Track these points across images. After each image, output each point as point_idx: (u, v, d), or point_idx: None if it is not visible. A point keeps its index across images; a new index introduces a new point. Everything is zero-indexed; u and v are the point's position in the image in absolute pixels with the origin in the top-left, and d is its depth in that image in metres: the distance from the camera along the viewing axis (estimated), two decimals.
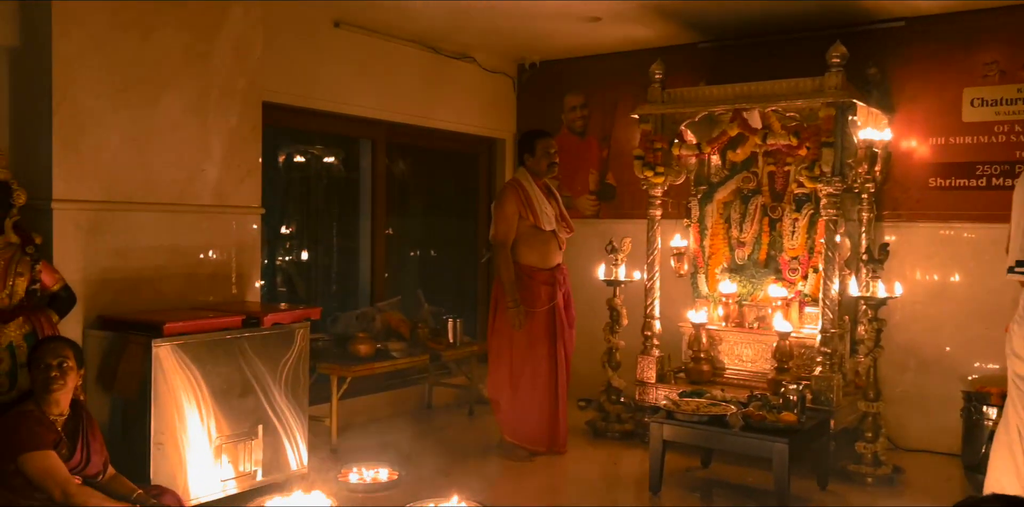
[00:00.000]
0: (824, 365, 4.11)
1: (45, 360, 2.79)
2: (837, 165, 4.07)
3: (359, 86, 5.01)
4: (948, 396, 4.47)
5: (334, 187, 5.64)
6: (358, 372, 4.34)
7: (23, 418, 2.74)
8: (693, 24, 5.02)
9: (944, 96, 4.67)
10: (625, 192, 5.75)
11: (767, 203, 4.83)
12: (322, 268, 5.65)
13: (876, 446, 4.04)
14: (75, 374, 2.85)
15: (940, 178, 4.67)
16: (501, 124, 6.04)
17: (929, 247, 4.70)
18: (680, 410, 3.81)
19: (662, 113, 4.61)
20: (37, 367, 2.79)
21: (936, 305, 4.67)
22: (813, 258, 4.57)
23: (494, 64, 5.94)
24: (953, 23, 4.64)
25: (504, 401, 4.32)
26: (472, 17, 4.86)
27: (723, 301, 4.79)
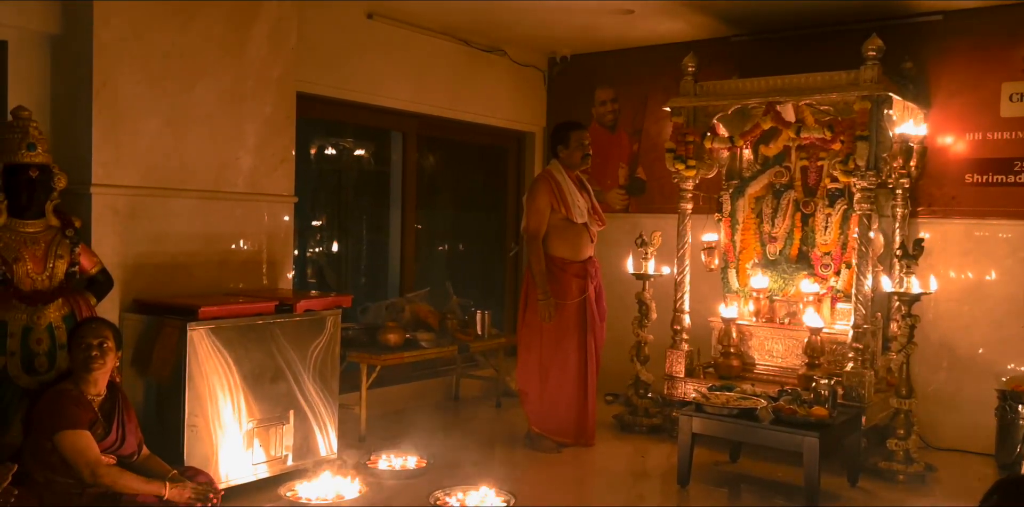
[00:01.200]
0: (856, 361, 4.07)
1: (86, 340, 2.83)
2: (872, 159, 4.02)
3: (391, 78, 5.04)
4: (982, 395, 4.41)
5: (365, 180, 5.68)
6: (387, 361, 4.36)
7: (61, 397, 2.79)
8: (726, 17, 4.98)
9: (981, 91, 4.60)
10: (655, 187, 5.73)
11: (799, 198, 4.79)
12: (352, 260, 5.69)
13: (908, 443, 3.99)
14: (114, 355, 2.89)
15: (976, 174, 4.60)
16: (531, 118, 6.05)
17: (964, 244, 4.63)
18: (710, 403, 3.79)
19: (694, 106, 4.58)
20: (78, 346, 2.84)
21: (970, 303, 4.60)
22: (846, 253, 4.53)
23: (525, 57, 5.94)
24: (992, 17, 4.57)
25: (533, 392, 4.32)
26: (504, 10, 4.86)
27: (754, 296, 4.76)
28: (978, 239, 4.61)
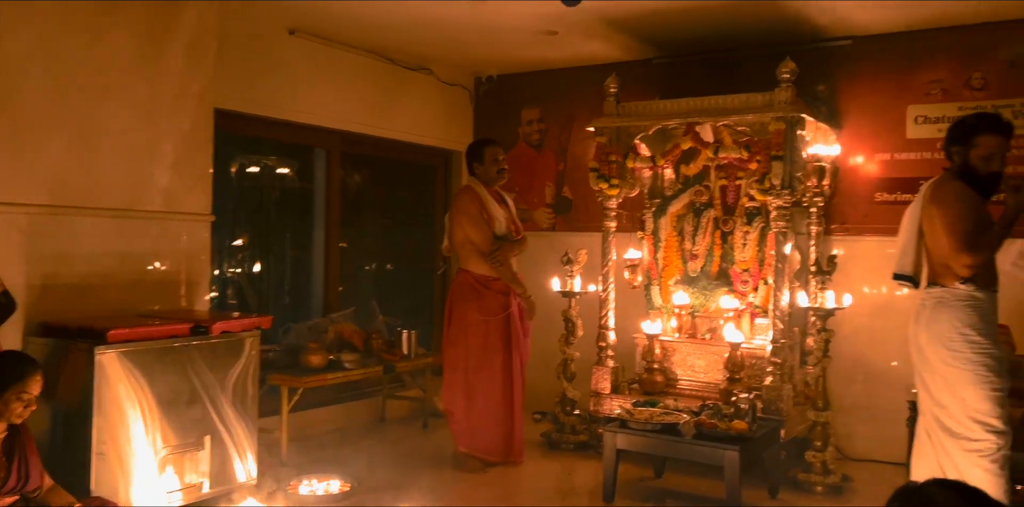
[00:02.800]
0: (774, 375, 4.17)
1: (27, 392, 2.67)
2: (786, 179, 4.15)
3: (314, 95, 4.99)
4: (895, 406, 4.54)
5: (288, 197, 5.58)
6: (309, 383, 4.27)
7: None
8: (648, 40, 5.10)
9: (889, 113, 4.80)
10: (581, 205, 5.79)
11: (719, 216, 4.91)
12: (275, 279, 5.57)
13: (825, 455, 4.09)
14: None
15: (886, 193, 4.79)
16: (458, 136, 6.06)
17: (876, 260, 4.80)
18: (634, 419, 3.82)
19: (617, 126, 4.66)
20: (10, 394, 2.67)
21: (883, 317, 4.77)
22: (763, 270, 4.65)
23: (451, 76, 5.97)
24: (898, 42, 4.79)
25: (459, 411, 4.29)
26: (428, 29, 4.88)
27: (676, 312, 4.84)
28: (889, 255, 4.71)
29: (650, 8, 4.43)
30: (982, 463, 3.06)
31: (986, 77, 4.59)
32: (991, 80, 4.57)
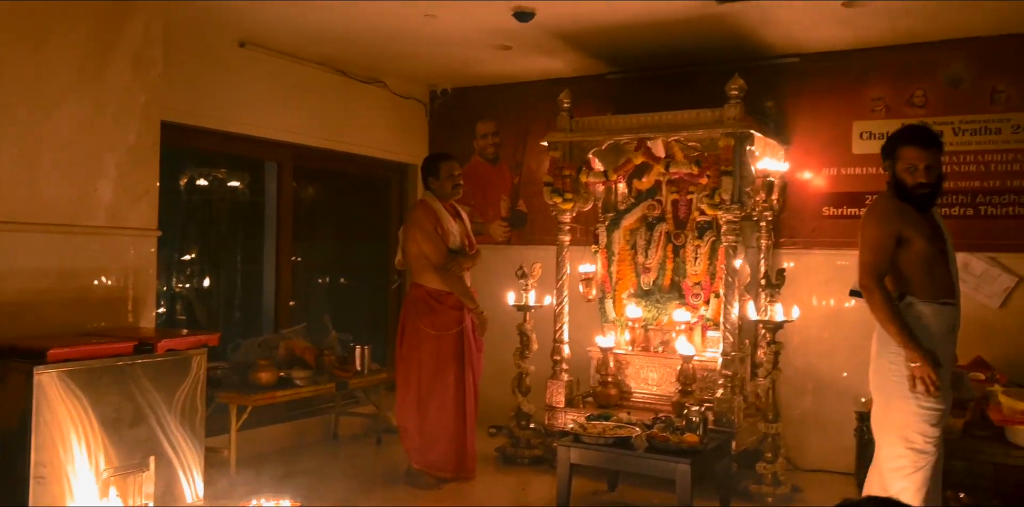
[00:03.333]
0: (725, 387, 4.21)
1: None
2: (736, 193, 4.21)
3: (265, 107, 4.94)
4: (844, 417, 4.62)
5: (239, 211, 5.50)
6: (259, 401, 4.20)
7: None
8: (601, 55, 5.15)
9: (835, 129, 4.91)
10: (536, 219, 5.81)
11: (671, 230, 4.96)
12: (225, 295, 5.48)
13: (775, 466, 4.14)
14: None
15: (833, 207, 4.89)
16: (413, 149, 6.04)
17: (824, 273, 4.89)
18: (587, 433, 3.82)
19: (570, 141, 4.69)
20: None
21: (831, 329, 4.85)
22: (714, 283, 4.70)
23: (406, 89, 5.95)
24: (843, 60, 4.90)
25: (411, 428, 4.25)
26: (382, 42, 4.86)
27: (629, 325, 4.87)
28: (837, 268, 4.88)
29: (602, 24, 4.47)
30: (901, 482, 3.09)
31: (927, 95, 4.72)
32: (931, 98, 4.70)
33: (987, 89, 4.57)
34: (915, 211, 3.18)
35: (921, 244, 3.14)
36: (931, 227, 3.18)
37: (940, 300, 3.14)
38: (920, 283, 3.17)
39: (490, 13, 4.28)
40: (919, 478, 3.06)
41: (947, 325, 3.15)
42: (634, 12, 4.24)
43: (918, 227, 3.15)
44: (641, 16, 4.31)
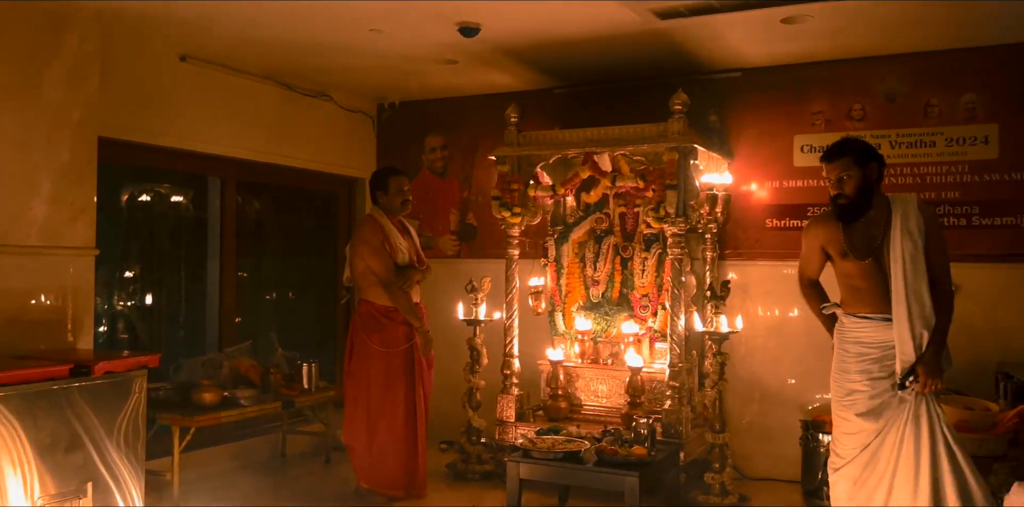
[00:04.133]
0: (673, 398, 4.25)
1: None
2: (681, 207, 4.26)
3: (208, 122, 4.86)
4: (789, 426, 4.70)
5: (182, 227, 5.40)
6: (202, 422, 4.11)
7: None
8: (548, 70, 5.18)
9: (777, 142, 5.01)
10: (486, 232, 5.80)
11: (619, 243, 5.00)
12: (168, 313, 5.36)
13: (723, 476, 4.18)
14: None
15: (776, 219, 4.98)
16: (361, 163, 6.00)
17: (768, 284, 4.98)
18: (536, 448, 3.82)
19: (518, 155, 4.71)
20: None
21: (776, 339, 4.93)
22: (662, 295, 4.75)
23: (353, 103, 5.92)
24: (784, 75, 5.00)
25: (360, 446, 4.20)
26: (327, 56, 4.83)
27: (579, 338, 4.89)
28: (780, 279, 4.96)
29: (546, 40, 4.50)
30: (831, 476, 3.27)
31: (865, 108, 4.84)
32: (869, 111, 4.82)
33: (921, 103, 4.71)
34: (840, 224, 3.23)
35: (836, 258, 3.26)
36: (862, 240, 3.17)
37: (860, 313, 3.20)
38: (843, 295, 3.30)
39: (435, 28, 4.28)
40: (837, 479, 3.20)
41: (864, 340, 3.16)
42: (578, 28, 4.29)
43: (834, 241, 3.24)
44: (585, 32, 4.35)
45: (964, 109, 4.62)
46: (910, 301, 3.04)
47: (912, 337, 3.03)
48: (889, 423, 3.06)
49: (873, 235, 3.16)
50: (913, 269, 3.05)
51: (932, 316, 3.04)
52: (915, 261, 3.05)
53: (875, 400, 3.11)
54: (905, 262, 3.06)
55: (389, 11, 4.02)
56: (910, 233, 3.07)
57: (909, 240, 3.07)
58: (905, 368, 3.04)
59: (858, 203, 3.18)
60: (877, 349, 3.11)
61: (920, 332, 3.03)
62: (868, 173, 3.16)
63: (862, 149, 3.20)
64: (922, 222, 3.10)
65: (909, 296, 3.04)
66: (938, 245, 3.13)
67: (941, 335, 3.06)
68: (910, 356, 3.03)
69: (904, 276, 3.05)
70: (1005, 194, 4.50)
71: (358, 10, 4.01)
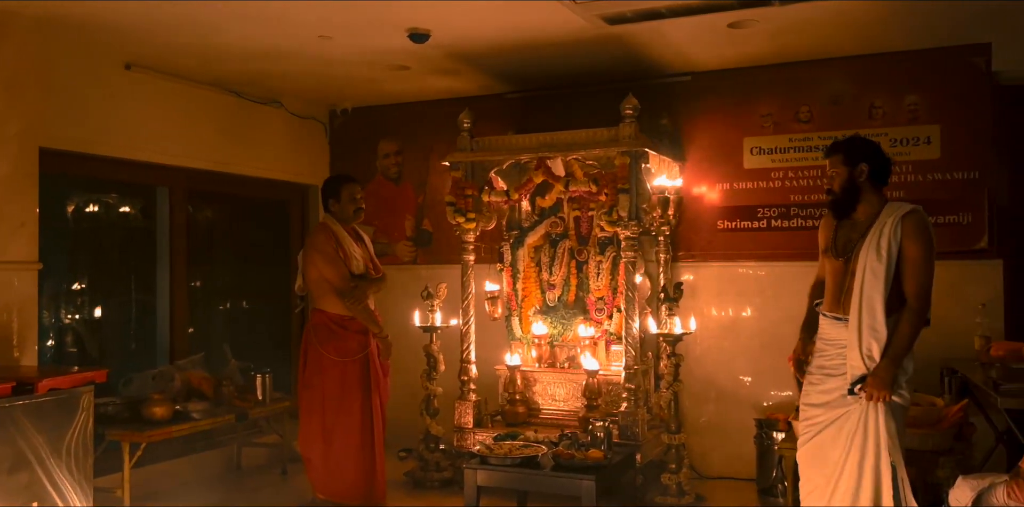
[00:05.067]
0: (629, 401, 4.27)
1: None
2: (633, 210, 4.29)
3: (155, 131, 4.78)
4: (745, 424, 4.76)
5: (132, 238, 5.30)
6: (153, 437, 4.04)
7: None
8: (500, 75, 5.19)
9: (727, 145, 5.07)
10: (441, 238, 5.79)
11: (574, 246, 5.02)
12: (119, 326, 5.25)
13: (680, 476, 4.22)
14: None
15: (727, 221, 5.04)
16: (313, 170, 5.94)
17: (720, 285, 5.04)
18: (493, 454, 3.81)
19: (471, 161, 4.70)
20: None
21: (730, 339, 4.99)
22: (617, 298, 4.77)
23: (304, 109, 5.86)
24: (734, 78, 5.07)
25: (316, 457, 4.15)
26: (276, 63, 4.78)
27: (536, 342, 4.90)
28: (732, 280, 5.03)
29: (497, 45, 4.51)
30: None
31: (812, 111, 4.92)
32: (816, 113, 4.91)
33: (866, 105, 4.80)
34: (834, 222, 3.24)
35: (822, 251, 3.28)
36: (843, 239, 3.17)
37: (824, 310, 3.23)
38: (825, 291, 3.26)
39: (385, 34, 4.26)
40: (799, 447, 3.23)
41: (823, 337, 3.19)
42: (528, 33, 4.30)
43: (825, 239, 3.27)
44: (535, 37, 4.37)
45: (907, 110, 4.72)
46: (862, 310, 3.01)
47: (859, 345, 3.01)
48: (837, 425, 3.08)
49: (852, 237, 3.15)
50: (872, 280, 3.00)
51: (883, 330, 2.98)
52: (875, 273, 3.00)
53: (824, 395, 3.14)
54: (865, 272, 3.02)
55: (337, 18, 3.99)
56: (878, 246, 3.02)
57: (875, 252, 3.02)
58: (855, 375, 3.02)
59: (841, 200, 3.18)
60: (832, 347, 3.13)
61: (868, 343, 3.00)
62: (856, 173, 3.13)
63: (855, 148, 3.17)
64: (898, 236, 3.01)
65: (862, 305, 3.02)
66: (916, 261, 3.01)
67: (896, 351, 2.97)
68: (856, 362, 3.01)
69: (861, 285, 3.03)
70: (947, 193, 4.61)
71: (306, 16, 3.98)
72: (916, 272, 3.01)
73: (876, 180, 3.15)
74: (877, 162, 3.14)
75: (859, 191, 3.14)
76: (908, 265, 3.01)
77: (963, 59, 4.57)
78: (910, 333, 2.99)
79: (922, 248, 3.01)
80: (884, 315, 2.99)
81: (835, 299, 3.16)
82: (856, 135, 3.34)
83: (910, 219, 3.03)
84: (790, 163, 4.93)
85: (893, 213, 3.06)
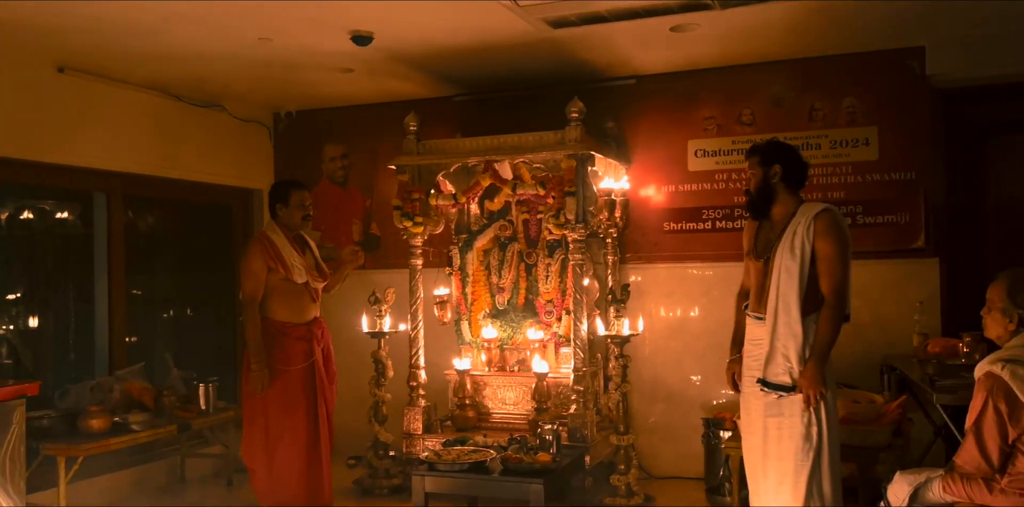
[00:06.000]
0: (578, 403, 4.28)
1: None
2: (580, 213, 4.29)
3: (89, 136, 4.65)
4: (693, 424, 4.80)
5: (69, 245, 5.14)
6: (91, 450, 3.93)
7: None
8: (447, 78, 5.16)
9: (672, 148, 5.11)
10: (390, 242, 5.73)
11: (523, 249, 5.02)
12: (56, 336, 5.09)
13: (629, 477, 4.24)
14: None
15: (673, 222, 5.08)
16: (257, 174, 5.85)
17: (668, 286, 5.08)
18: (441, 460, 3.78)
19: (418, 164, 4.67)
20: None
21: (677, 339, 5.04)
22: (566, 300, 4.78)
23: (247, 112, 5.76)
24: (676, 81, 5.12)
25: (260, 467, 4.06)
26: (215, 65, 4.69)
27: (486, 346, 4.88)
28: (680, 281, 5.07)
29: (441, 48, 4.49)
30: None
31: (754, 113, 5.00)
32: (758, 116, 4.98)
33: (806, 107, 4.89)
34: (756, 224, 3.30)
35: (745, 258, 3.34)
36: (763, 241, 3.24)
37: (749, 310, 3.29)
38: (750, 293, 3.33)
39: (327, 36, 4.21)
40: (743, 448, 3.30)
41: (751, 338, 3.25)
42: (472, 36, 4.29)
43: (748, 241, 3.31)
44: (479, 40, 4.36)
45: (846, 113, 4.82)
46: (778, 309, 3.08)
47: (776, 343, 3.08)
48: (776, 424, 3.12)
49: (770, 238, 3.22)
50: (787, 279, 3.06)
51: (799, 328, 3.03)
52: (789, 272, 3.06)
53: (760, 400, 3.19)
54: (781, 271, 3.08)
55: (276, 19, 3.93)
56: (792, 246, 3.08)
57: (789, 251, 3.08)
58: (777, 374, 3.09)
59: (755, 201, 3.25)
60: (758, 347, 3.19)
61: (786, 341, 3.05)
62: (770, 174, 3.19)
63: (770, 150, 3.24)
64: (811, 235, 3.06)
65: (779, 304, 3.07)
66: (830, 259, 3.06)
67: (820, 347, 3.03)
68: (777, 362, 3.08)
69: (778, 285, 3.08)
70: (885, 194, 4.72)
71: (244, 18, 3.91)
72: (831, 270, 3.07)
73: (790, 181, 3.21)
74: (790, 164, 3.21)
75: (773, 192, 3.20)
76: (822, 263, 3.08)
77: (899, 62, 4.68)
78: (831, 329, 3.06)
79: (835, 246, 3.07)
80: (800, 314, 3.05)
81: (758, 299, 3.22)
82: (774, 138, 3.44)
83: (822, 218, 3.09)
84: (734, 165, 4.99)
85: (806, 213, 3.13)
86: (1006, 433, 2.55)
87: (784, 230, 3.14)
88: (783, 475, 3.08)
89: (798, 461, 3.05)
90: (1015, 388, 2.53)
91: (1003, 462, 2.59)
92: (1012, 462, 2.58)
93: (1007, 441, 2.56)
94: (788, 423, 3.07)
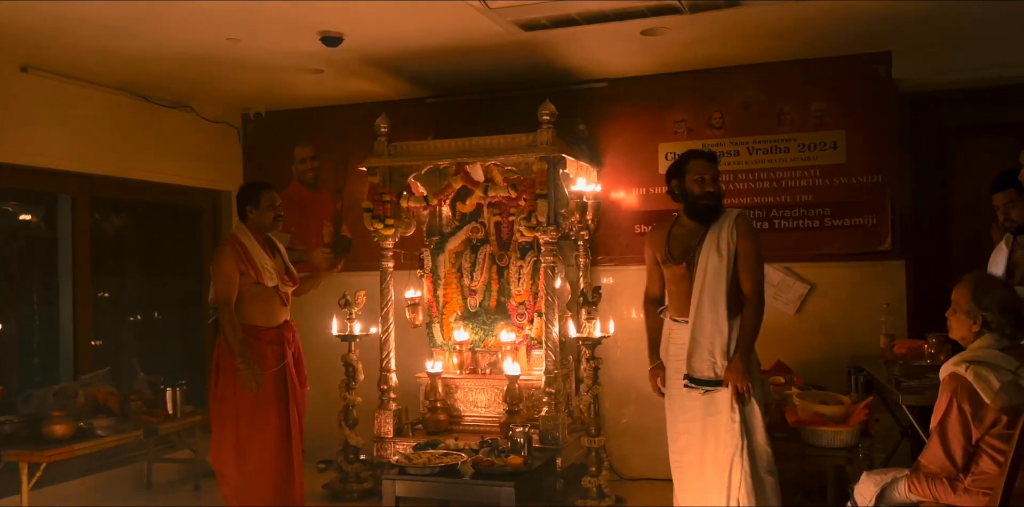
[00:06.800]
0: (550, 405, 4.28)
1: None
2: (551, 215, 4.30)
3: (53, 137, 4.57)
4: (663, 425, 4.78)
5: (32, 248, 5.05)
6: (54, 456, 3.85)
7: None
8: (418, 80, 5.15)
9: (643, 150, 5.14)
10: (361, 244, 5.69)
11: (495, 252, 5.01)
12: (21, 340, 4.99)
13: (600, 479, 4.25)
14: None
15: (644, 225, 5.10)
16: (226, 176, 5.78)
17: (640, 287, 4.98)
18: (412, 464, 3.77)
19: (389, 166, 4.65)
20: None
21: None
22: (538, 303, 4.78)
23: (215, 113, 5.70)
24: (648, 85, 5.14)
25: (229, 472, 4.01)
26: (184, 65, 4.63)
27: (457, 349, 4.87)
28: None
29: (412, 50, 4.47)
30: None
31: (724, 117, 5.04)
32: (728, 120, 5.02)
33: (775, 111, 4.94)
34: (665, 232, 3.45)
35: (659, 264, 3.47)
36: (680, 246, 3.38)
37: (674, 317, 3.43)
38: (668, 300, 3.48)
39: (296, 37, 4.18)
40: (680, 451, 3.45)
41: (678, 342, 3.38)
42: (442, 38, 4.27)
43: (660, 248, 3.45)
44: (450, 42, 4.34)
45: (814, 116, 4.88)
46: (704, 309, 3.26)
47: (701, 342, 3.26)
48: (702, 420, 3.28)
49: (690, 244, 3.37)
50: (714, 279, 3.26)
51: (726, 327, 3.23)
52: (717, 272, 3.26)
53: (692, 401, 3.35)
54: (708, 272, 3.27)
55: (244, 20, 3.90)
56: (718, 247, 3.28)
57: (716, 252, 3.28)
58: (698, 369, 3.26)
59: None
60: (683, 349, 3.33)
61: (712, 339, 3.24)
62: (672, 189, 3.47)
63: (669, 169, 3.51)
64: (734, 237, 3.29)
65: (704, 304, 3.26)
66: (751, 259, 3.29)
67: (746, 342, 3.23)
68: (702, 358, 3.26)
69: (703, 285, 3.27)
70: (853, 196, 4.77)
71: (212, 18, 3.86)
72: (753, 267, 3.30)
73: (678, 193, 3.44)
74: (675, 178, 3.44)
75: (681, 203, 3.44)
76: (744, 262, 3.29)
77: (866, 67, 4.74)
78: (754, 324, 3.27)
79: (755, 245, 3.32)
80: (727, 312, 3.24)
81: (683, 304, 3.35)
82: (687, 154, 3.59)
83: (742, 220, 3.35)
84: None
85: (723, 218, 3.35)
86: (970, 433, 2.59)
87: (706, 233, 3.33)
88: (722, 471, 3.21)
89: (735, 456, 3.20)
90: (979, 389, 2.57)
91: (967, 462, 2.62)
92: (975, 462, 2.62)
93: (971, 441, 2.60)
94: (724, 420, 3.22)
